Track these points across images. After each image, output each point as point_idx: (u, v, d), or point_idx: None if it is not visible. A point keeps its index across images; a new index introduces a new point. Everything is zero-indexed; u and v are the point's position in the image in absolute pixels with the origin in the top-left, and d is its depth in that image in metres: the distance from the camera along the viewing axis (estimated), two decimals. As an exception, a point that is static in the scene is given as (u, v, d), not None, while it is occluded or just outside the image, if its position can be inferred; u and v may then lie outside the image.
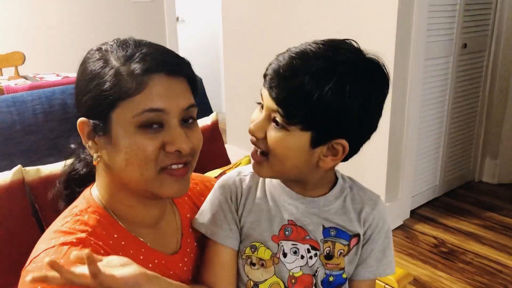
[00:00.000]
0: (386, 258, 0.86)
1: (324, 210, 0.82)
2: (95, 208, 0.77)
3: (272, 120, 0.74)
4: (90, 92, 0.72)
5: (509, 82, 2.87)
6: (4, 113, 1.18)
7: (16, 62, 2.73)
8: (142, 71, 0.70)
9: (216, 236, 0.82)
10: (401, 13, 2.21)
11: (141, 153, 0.71)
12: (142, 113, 0.70)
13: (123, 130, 0.71)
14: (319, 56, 0.72)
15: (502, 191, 2.96)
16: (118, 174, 0.74)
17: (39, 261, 0.68)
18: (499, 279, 2.08)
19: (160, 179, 0.73)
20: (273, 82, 0.72)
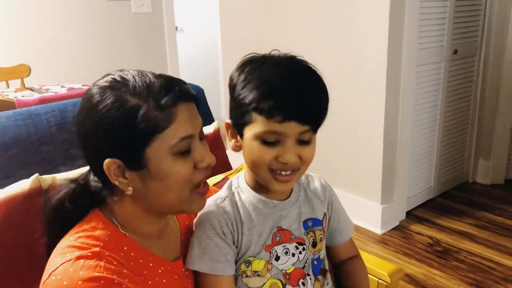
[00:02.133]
0: (348, 218, 1.04)
1: (295, 208, 0.92)
2: (105, 224, 0.81)
3: (298, 142, 0.81)
4: (117, 134, 0.74)
5: (499, 86, 2.96)
6: (21, 126, 1.26)
7: (22, 74, 2.81)
8: (170, 103, 0.75)
9: (215, 270, 0.85)
10: (393, 21, 2.30)
11: (181, 177, 0.78)
12: (180, 142, 0.76)
13: (162, 161, 0.76)
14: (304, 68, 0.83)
15: (495, 191, 3.04)
16: (152, 200, 0.79)
17: (58, 274, 0.72)
18: (492, 276, 2.16)
19: (191, 198, 0.81)
20: (297, 112, 0.78)
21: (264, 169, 0.83)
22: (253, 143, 0.82)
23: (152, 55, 3.92)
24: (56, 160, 1.29)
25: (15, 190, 1.13)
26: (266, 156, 0.81)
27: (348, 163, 2.63)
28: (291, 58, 0.85)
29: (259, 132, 0.80)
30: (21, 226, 1.11)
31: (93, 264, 0.73)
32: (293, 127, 0.78)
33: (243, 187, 0.92)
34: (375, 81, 2.40)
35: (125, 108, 0.74)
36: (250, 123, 0.81)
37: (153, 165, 0.76)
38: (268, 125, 0.78)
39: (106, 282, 0.72)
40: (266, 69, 0.81)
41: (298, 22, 2.75)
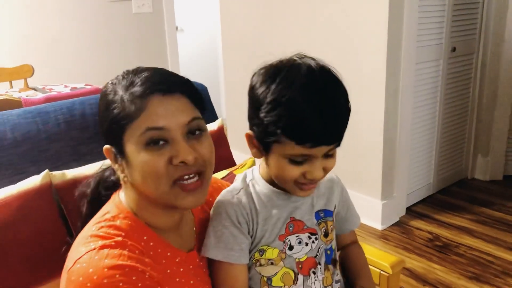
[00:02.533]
0: (355, 210, 1.09)
1: (308, 199, 0.95)
2: (126, 214, 0.85)
3: (324, 156, 0.84)
4: (106, 121, 0.81)
5: (497, 82, 2.99)
6: (31, 124, 1.29)
7: (26, 74, 2.84)
8: (140, 94, 0.78)
9: (230, 258, 0.88)
10: (392, 18, 2.34)
11: (151, 169, 0.78)
12: (145, 132, 0.77)
13: (134, 150, 0.79)
14: (332, 85, 0.85)
15: (493, 187, 3.08)
16: (139, 189, 0.82)
17: (84, 262, 0.75)
18: (491, 269, 2.20)
19: (174, 192, 0.80)
20: (328, 138, 0.81)
21: (290, 183, 0.86)
22: (281, 160, 0.84)
23: (153, 55, 3.95)
24: (65, 157, 1.32)
25: (27, 185, 1.16)
26: (294, 173, 0.84)
27: (349, 160, 2.66)
28: (321, 72, 0.84)
29: (288, 154, 0.82)
30: (33, 221, 1.14)
31: (117, 253, 0.77)
32: (322, 149, 0.82)
33: (257, 180, 0.95)
34: (375, 79, 2.44)
35: (112, 97, 0.81)
36: (278, 143, 0.82)
37: (129, 154, 0.80)
38: (298, 150, 0.81)
39: (130, 270, 0.75)
40: (296, 92, 0.80)
41: (298, 21, 2.78)
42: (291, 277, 0.91)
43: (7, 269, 1.07)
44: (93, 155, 1.36)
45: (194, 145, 0.81)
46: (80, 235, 0.84)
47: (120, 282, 0.73)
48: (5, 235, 1.08)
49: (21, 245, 1.10)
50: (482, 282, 2.10)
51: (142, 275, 0.77)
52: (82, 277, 0.74)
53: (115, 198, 0.89)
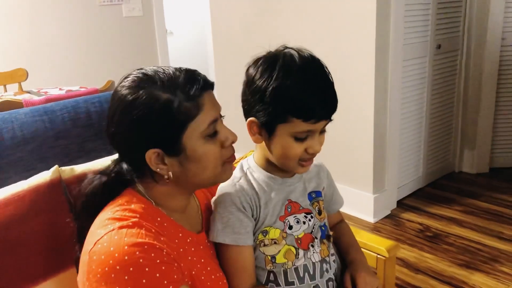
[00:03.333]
0: (338, 192, 1.19)
1: (300, 183, 1.05)
2: (138, 198, 0.90)
3: (321, 132, 0.96)
4: (157, 127, 0.84)
5: (481, 78, 3.09)
6: (38, 122, 1.34)
7: (20, 78, 2.87)
8: (198, 93, 0.85)
9: (238, 241, 0.96)
10: (379, 18, 2.42)
11: (213, 157, 0.89)
12: (209, 126, 0.87)
13: (196, 145, 0.87)
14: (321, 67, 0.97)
15: (480, 179, 3.18)
16: (190, 180, 0.90)
17: (104, 242, 0.80)
18: (479, 256, 2.28)
19: (224, 169, 0.92)
20: (329, 113, 0.93)
21: (294, 161, 0.96)
22: (287, 139, 0.94)
23: (144, 58, 3.99)
24: (72, 153, 1.37)
25: (38, 180, 1.20)
26: (298, 150, 0.94)
27: (341, 155, 2.73)
28: (311, 58, 0.97)
29: (295, 132, 0.92)
30: (45, 214, 1.17)
31: (135, 231, 0.82)
32: (321, 124, 0.94)
33: (254, 168, 1.04)
34: (364, 76, 2.51)
35: (159, 103, 0.83)
36: (283, 122, 0.92)
37: (189, 149, 0.87)
38: (304, 126, 0.92)
39: (149, 247, 0.81)
40: (296, 77, 0.91)
41: (288, 21, 2.85)
42: (293, 252, 0.99)
43: (21, 260, 1.11)
44: (98, 151, 1.41)
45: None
46: (97, 221, 0.88)
47: (140, 258, 0.78)
48: (19, 228, 1.11)
49: (34, 237, 1.14)
50: (472, 269, 2.18)
51: (160, 252, 0.82)
52: (104, 256, 0.79)
53: (130, 190, 0.92)
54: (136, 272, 0.78)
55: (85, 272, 0.82)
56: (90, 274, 0.80)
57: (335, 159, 2.78)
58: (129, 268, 0.77)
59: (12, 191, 1.15)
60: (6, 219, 1.10)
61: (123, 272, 0.77)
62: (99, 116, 1.44)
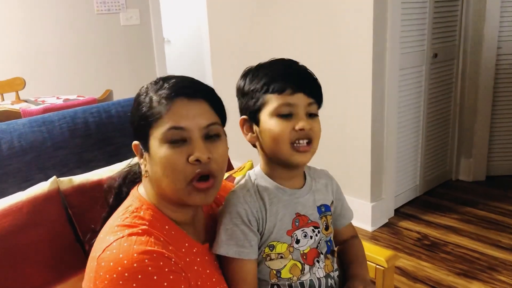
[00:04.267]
0: (348, 205, 1.18)
1: (310, 195, 1.04)
2: (148, 205, 0.91)
3: (308, 115, 0.96)
4: (136, 117, 0.91)
5: (477, 87, 3.11)
6: (36, 132, 1.33)
7: (17, 87, 2.87)
8: (167, 96, 0.87)
9: (241, 255, 0.94)
10: (376, 27, 2.43)
11: (170, 164, 0.85)
12: (168, 130, 0.85)
13: (157, 145, 0.87)
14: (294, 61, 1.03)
15: (477, 187, 3.19)
16: (158, 183, 0.89)
17: (114, 249, 0.81)
18: (477, 265, 2.28)
19: (188, 190, 0.87)
20: (302, 84, 0.96)
21: (286, 143, 0.94)
22: (271, 120, 0.95)
23: (141, 66, 4.00)
24: (71, 164, 1.36)
25: (35, 191, 1.19)
26: (285, 129, 0.94)
27: (338, 164, 2.74)
28: (281, 58, 1.03)
29: (275, 108, 0.94)
30: (42, 225, 1.17)
31: (145, 239, 0.82)
32: (302, 98, 0.95)
33: (261, 178, 1.02)
34: (362, 85, 2.52)
35: (139, 99, 0.92)
36: (264, 105, 0.96)
37: (152, 149, 0.88)
38: (281, 99, 0.94)
39: (158, 255, 0.81)
40: (267, 66, 1.01)
41: (286, 29, 2.87)
42: (299, 268, 0.98)
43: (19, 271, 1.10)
44: (97, 161, 1.41)
45: (209, 147, 0.88)
46: (106, 227, 0.90)
47: (148, 266, 0.79)
48: (17, 238, 1.11)
49: (32, 248, 1.14)
50: (470, 278, 2.18)
51: (168, 261, 0.82)
52: (112, 262, 0.79)
53: (135, 192, 0.96)
54: (144, 280, 0.78)
55: (92, 278, 0.82)
56: (97, 281, 0.81)
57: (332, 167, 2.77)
58: (138, 276, 0.78)
59: (10, 202, 1.15)
60: (4, 230, 1.10)
61: (132, 279, 0.78)
62: (98, 126, 1.44)
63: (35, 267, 1.13)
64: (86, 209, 1.24)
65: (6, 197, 1.16)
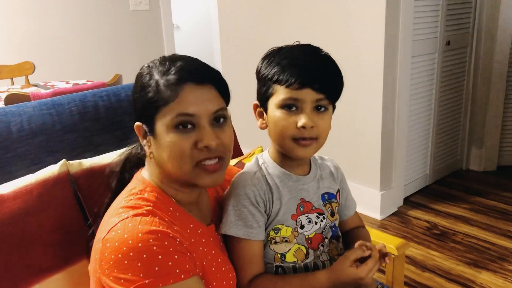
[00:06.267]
0: (352, 197, 1.17)
1: (314, 183, 1.04)
2: (152, 188, 0.91)
3: (315, 108, 0.94)
4: (141, 100, 0.89)
5: (490, 75, 3.06)
6: (46, 115, 1.33)
7: (27, 71, 2.87)
8: (175, 82, 0.85)
9: (250, 235, 0.95)
10: (389, 14, 2.39)
11: (177, 149, 0.85)
12: (176, 117, 0.84)
13: (164, 131, 0.86)
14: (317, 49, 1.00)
15: (487, 177, 3.16)
16: (164, 166, 0.89)
17: (118, 229, 0.81)
18: (487, 255, 2.27)
19: (196, 172, 0.87)
20: (311, 79, 0.92)
21: (288, 138, 0.94)
22: (276, 112, 0.94)
23: (150, 52, 3.98)
24: (80, 147, 1.36)
25: (45, 174, 1.19)
26: (288, 124, 0.93)
27: (348, 152, 2.72)
28: (306, 44, 1.01)
29: (280, 100, 0.93)
30: (52, 208, 1.17)
31: (149, 220, 0.82)
32: (309, 93, 0.92)
33: (269, 163, 1.03)
34: (373, 72, 2.49)
35: (148, 80, 0.88)
36: (273, 95, 0.95)
37: (158, 133, 0.87)
38: (287, 93, 0.92)
39: (163, 235, 0.81)
40: (284, 52, 0.98)
41: (297, 17, 2.83)
42: (303, 252, 0.99)
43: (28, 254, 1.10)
44: (106, 145, 1.40)
45: (217, 132, 0.87)
46: (110, 210, 0.90)
47: (153, 246, 0.79)
48: (27, 221, 1.11)
49: (41, 230, 1.14)
50: (479, 267, 2.17)
51: (173, 241, 0.82)
52: (117, 243, 0.79)
53: (138, 175, 0.96)
54: (149, 259, 0.78)
55: (97, 260, 0.83)
56: (102, 261, 0.81)
57: (342, 155, 2.76)
58: (143, 255, 0.78)
59: (20, 185, 1.14)
60: (14, 212, 1.10)
61: (137, 259, 0.78)
62: (107, 110, 1.43)
63: (44, 250, 1.13)
64: (96, 193, 1.23)
65: (17, 180, 1.16)
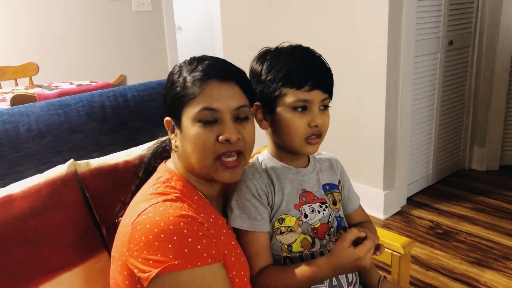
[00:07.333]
0: (354, 190, 1.20)
1: (314, 175, 1.08)
2: (178, 177, 0.96)
3: (321, 108, 0.99)
4: (170, 96, 0.95)
5: (492, 75, 3.07)
6: (53, 116, 1.34)
7: (31, 72, 2.88)
8: (200, 78, 0.91)
9: (254, 227, 0.99)
10: (392, 13, 2.40)
11: (201, 141, 0.90)
12: (201, 111, 0.90)
13: (190, 124, 0.91)
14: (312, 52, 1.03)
15: (490, 177, 3.16)
16: (187, 159, 0.94)
17: (150, 213, 0.85)
18: (491, 254, 2.27)
19: (215, 166, 0.92)
20: (320, 81, 0.97)
21: (300, 138, 0.99)
22: (287, 114, 0.98)
23: (153, 53, 4.00)
24: (87, 147, 1.37)
25: (53, 174, 1.20)
26: (300, 124, 0.97)
27: (351, 152, 2.72)
28: (300, 46, 1.04)
29: (292, 102, 0.97)
30: (60, 208, 1.18)
31: (179, 205, 0.87)
32: (318, 94, 0.97)
33: (268, 159, 1.08)
34: (376, 72, 2.50)
35: (178, 77, 0.95)
36: (281, 97, 0.98)
37: (184, 126, 0.92)
38: (298, 95, 0.96)
39: (192, 219, 0.85)
40: (285, 55, 1.01)
41: (299, 17, 2.84)
42: (309, 241, 1.02)
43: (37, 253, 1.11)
44: (113, 145, 1.41)
45: (239, 128, 0.93)
46: (138, 197, 0.94)
47: (184, 229, 0.82)
48: (36, 220, 1.12)
49: (50, 230, 1.15)
50: (483, 266, 2.17)
51: (201, 226, 0.86)
52: (149, 225, 0.83)
53: (164, 166, 1.01)
54: (179, 241, 0.81)
55: (125, 243, 0.86)
56: (131, 244, 0.84)
57: (345, 154, 2.76)
58: (173, 237, 0.81)
59: (29, 185, 1.15)
60: (23, 212, 1.11)
61: (167, 240, 0.81)
62: (114, 110, 1.44)
63: (53, 249, 1.14)
64: (103, 192, 1.25)
65: (25, 179, 1.17)
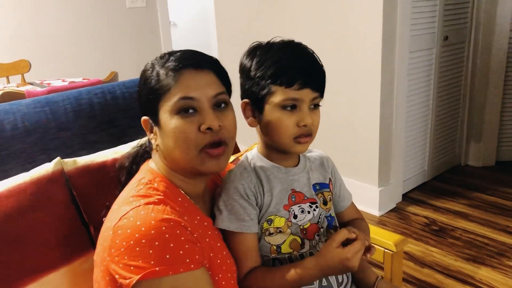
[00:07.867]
0: (346, 188, 1.17)
1: (304, 174, 1.05)
2: (161, 178, 0.93)
3: (310, 108, 0.96)
4: (144, 93, 0.92)
5: (488, 70, 3.05)
6: (40, 113, 1.31)
7: (23, 69, 2.85)
8: (174, 68, 0.88)
9: (242, 228, 0.96)
10: (387, 9, 2.38)
11: (182, 134, 0.87)
12: (178, 101, 0.87)
13: (168, 117, 0.88)
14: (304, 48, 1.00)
15: (486, 173, 3.15)
16: (170, 155, 0.91)
17: (131, 217, 0.82)
18: (486, 251, 2.26)
19: (201, 157, 0.89)
20: (310, 79, 0.94)
21: (288, 138, 0.96)
22: (276, 112, 0.95)
23: (147, 49, 3.96)
24: (75, 145, 1.34)
25: (39, 172, 1.18)
26: (289, 123, 0.94)
27: (346, 148, 2.71)
28: (292, 41, 1.01)
29: (280, 100, 0.94)
30: (46, 207, 1.16)
31: (161, 208, 0.83)
32: (308, 93, 0.94)
33: (258, 158, 1.05)
34: (371, 68, 2.48)
35: (145, 74, 0.93)
36: (270, 95, 0.95)
37: (162, 121, 0.89)
38: (288, 93, 0.94)
39: (174, 223, 0.82)
40: (276, 51, 0.97)
41: (294, 12, 2.82)
42: (298, 242, 0.99)
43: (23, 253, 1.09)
44: (101, 143, 1.39)
45: (219, 116, 0.90)
46: (119, 199, 0.91)
47: (166, 234, 0.79)
48: (21, 220, 1.10)
49: (36, 229, 1.13)
50: (478, 263, 2.16)
51: (184, 230, 0.83)
52: (130, 229, 0.80)
53: (146, 166, 0.97)
54: (161, 247, 0.78)
55: (106, 248, 0.83)
56: (112, 249, 0.81)
57: (340, 151, 2.75)
58: (155, 242, 0.78)
59: (13, 183, 1.13)
60: (8, 211, 1.09)
61: (148, 246, 0.78)
62: (102, 107, 1.41)
63: (39, 249, 1.12)
64: (91, 191, 1.23)
65: (10, 178, 1.15)
